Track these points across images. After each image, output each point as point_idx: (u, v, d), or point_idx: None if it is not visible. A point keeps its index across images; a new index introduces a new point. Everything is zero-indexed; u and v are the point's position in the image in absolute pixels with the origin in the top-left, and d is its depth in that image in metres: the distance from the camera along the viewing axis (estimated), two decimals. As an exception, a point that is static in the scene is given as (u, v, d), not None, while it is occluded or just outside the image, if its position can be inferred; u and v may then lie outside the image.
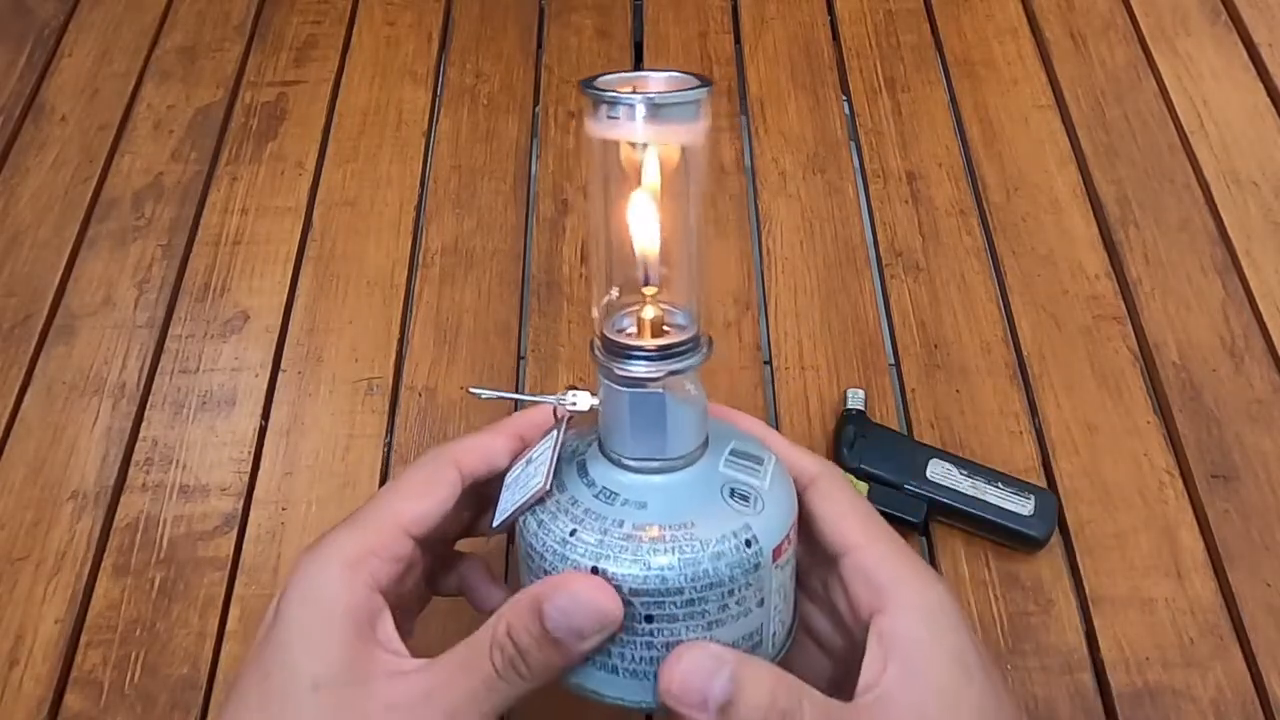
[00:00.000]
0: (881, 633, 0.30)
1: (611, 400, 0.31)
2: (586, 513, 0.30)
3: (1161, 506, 0.49)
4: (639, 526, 0.30)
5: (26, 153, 0.64)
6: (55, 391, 0.53)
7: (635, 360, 0.30)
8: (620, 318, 0.32)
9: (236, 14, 0.71)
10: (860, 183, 0.62)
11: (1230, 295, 0.56)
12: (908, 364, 0.54)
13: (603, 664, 0.31)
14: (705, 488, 0.31)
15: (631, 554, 0.29)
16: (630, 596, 0.29)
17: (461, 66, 0.68)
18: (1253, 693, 0.44)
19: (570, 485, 0.31)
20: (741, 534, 0.30)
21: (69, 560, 0.48)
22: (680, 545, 0.30)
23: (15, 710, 0.44)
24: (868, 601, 0.30)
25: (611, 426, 0.32)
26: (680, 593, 0.29)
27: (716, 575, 0.30)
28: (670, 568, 0.29)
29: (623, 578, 0.29)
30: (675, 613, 0.30)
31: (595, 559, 0.29)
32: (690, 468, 0.32)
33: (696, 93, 0.28)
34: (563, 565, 0.30)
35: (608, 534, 0.30)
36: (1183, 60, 0.66)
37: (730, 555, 0.30)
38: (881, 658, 0.29)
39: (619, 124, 0.28)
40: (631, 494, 0.31)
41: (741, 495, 0.31)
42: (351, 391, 0.54)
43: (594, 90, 0.28)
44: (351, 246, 0.59)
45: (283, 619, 0.30)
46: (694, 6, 0.71)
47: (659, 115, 0.28)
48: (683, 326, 0.32)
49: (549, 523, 0.31)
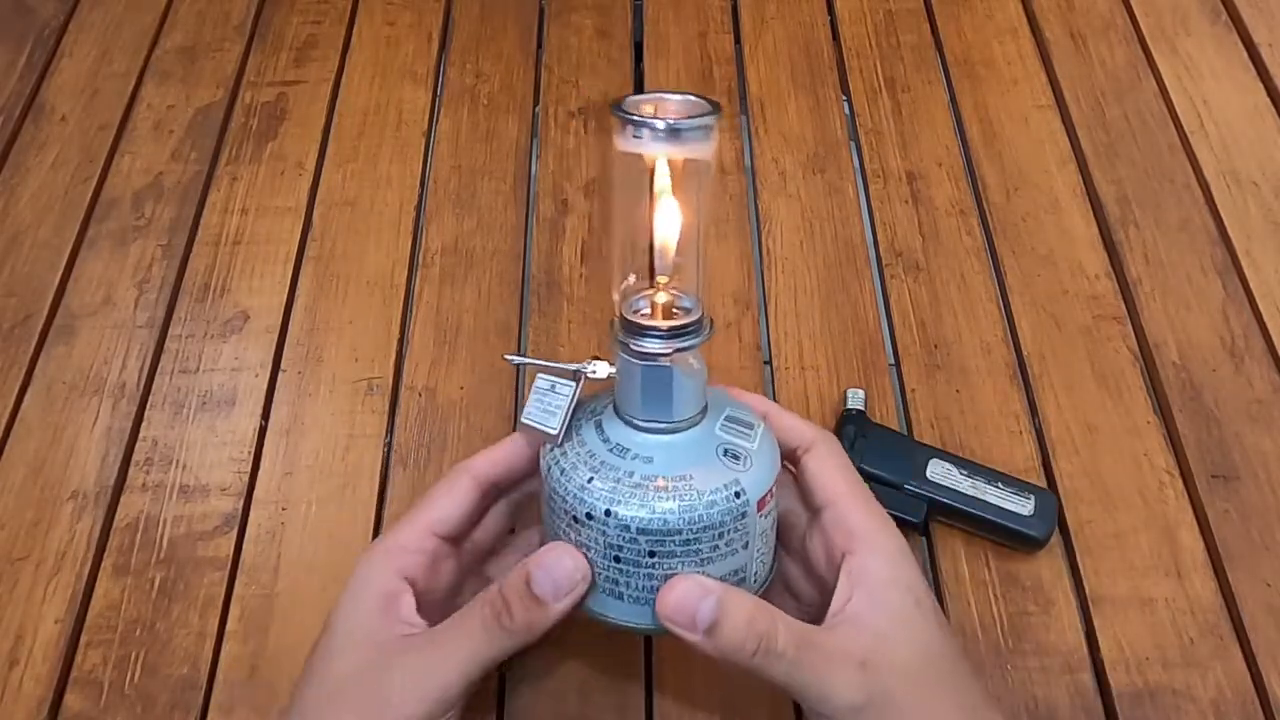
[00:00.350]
0: (850, 570, 0.36)
1: (627, 371, 0.36)
2: (602, 464, 0.36)
3: (1161, 506, 0.49)
4: (646, 477, 0.35)
5: (26, 153, 0.64)
6: (55, 391, 0.53)
7: (649, 338, 0.36)
8: (636, 300, 0.37)
9: (236, 14, 0.71)
10: (860, 183, 0.62)
11: (1230, 295, 0.56)
12: (908, 364, 0.54)
13: (612, 591, 0.36)
14: (702, 447, 0.37)
15: (639, 500, 0.35)
16: (637, 535, 0.35)
17: (461, 66, 0.68)
18: (1253, 693, 0.44)
19: (589, 440, 0.37)
20: (731, 486, 0.36)
21: (69, 560, 0.48)
22: (680, 494, 0.35)
23: (15, 710, 0.44)
24: (842, 544, 0.36)
25: (626, 392, 0.37)
26: (679, 533, 0.35)
27: (710, 520, 0.35)
28: (671, 512, 0.35)
29: (631, 519, 0.35)
30: (674, 550, 0.35)
31: (609, 503, 0.35)
32: (691, 430, 0.37)
33: (710, 118, 0.34)
34: (581, 507, 0.35)
35: (620, 482, 0.35)
36: (1183, 60, 0.66)
37: (722, 504, 0.35)
38: (849, 589, 0.35)
39: (643, 142, 0.33)
40: (641, 450, 0.36)
41: (733, 455, 0.37)
42: (351, 391, 0.54)
43: (622, 113, 0.33)
44: (351, 246, 0.59)
45: (341, 597, 0.38)
46: (694, 6, 0.71)
47: (677, 136, 0.33)
48: (689, 309, 0.37)
49: (570, 471, 0.36)
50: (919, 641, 0.35)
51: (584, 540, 0.36)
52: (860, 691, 0.33)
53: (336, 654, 0.36)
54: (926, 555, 0.48)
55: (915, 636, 0.35)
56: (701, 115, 0.34)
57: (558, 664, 0.45)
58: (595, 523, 0.35)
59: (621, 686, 0.45)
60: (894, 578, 0.35)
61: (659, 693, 0.45)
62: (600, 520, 0.35)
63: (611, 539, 0.35)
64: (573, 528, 0.36)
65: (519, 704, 0.44)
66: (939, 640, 0.35)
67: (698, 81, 0.67)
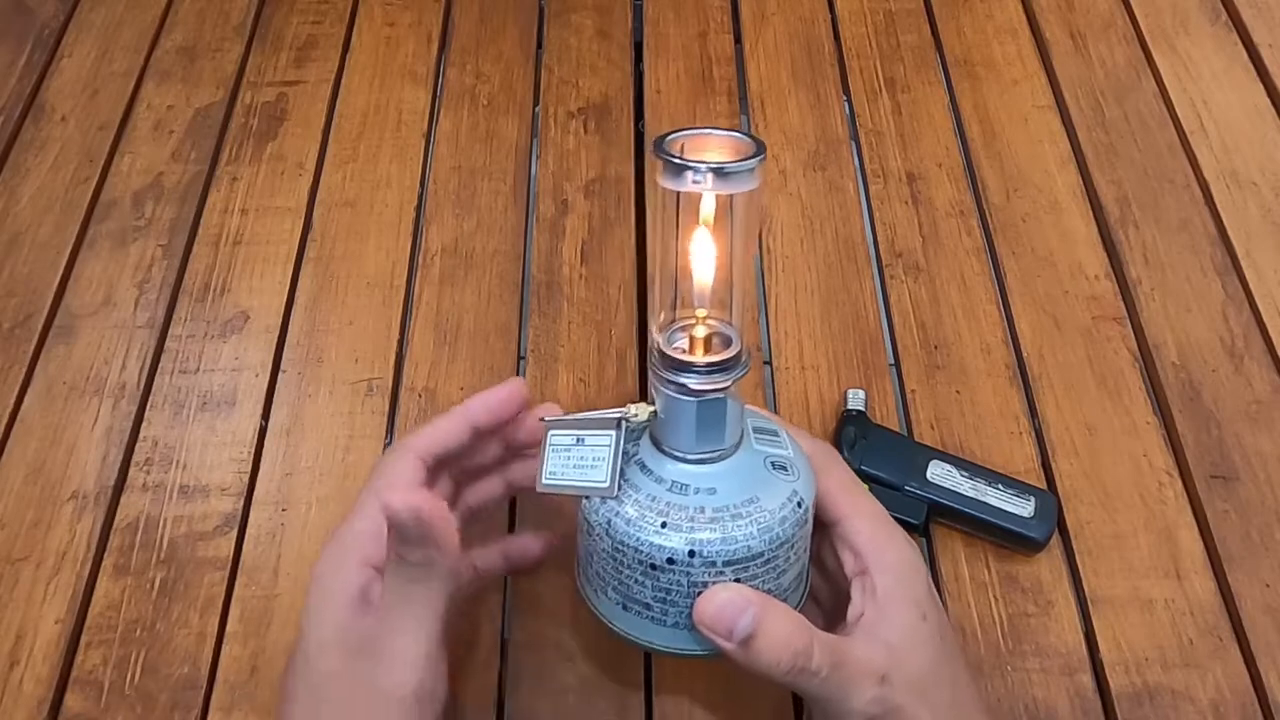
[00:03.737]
0: (863, 587, 0.37)
1: (678, 408, 0.36)
2: (669, 505, 0.36)
3: (1161, 507, 0.49)
4: (719, 510, 0.36)
5: (26, 153, 0.64)
6: (55, 391, 0.54)
7: (699, 374, 0.35)
8: (673, 334, 0.37)
9: (236, 14, 0.71)
10: (860, 183, 0.62)
11: (1230, 296, 0.56)
12: (908, 364, 0.54)
13: (686, 624, 0.36)
14: (754, 467, 0.37)
15: (719, 533, 0.35)
16: (724, 567, 0.35)
17: (461, 67, 0.68)
18: (1252, 693, 0.44)
19: (642, 484, 0.37)
20: (793, 499, 0.37)
21: (69, 560, 0.48)
22: (754, 518, 0.36)
23: (15, 710, 0.44)
24: (853, 564, 0.38)
25: (675, 428, 0.37)
26: (761, 555, 0.36)
27: (784, 535, 0.36)
28: (752, 537, 0.35)
29: (715, 553, 0.35)
30: (756, 572, 0.36)
31: (690, 544, 0.35)
32: (738, 452, 0.37)
33: (754, 161, 0.33)
34: (660, 554, 0.35)
35: (695, 520, 0.35)
36: (1183, 60, 0.66)
37: (791, 517, 0.36)
38: (861, 604, 0.37)
39: (688, 183, 0.33)
40: (701, 483, 0.36)
41: (781, 466, 0.37)
42: (351, 392, 0.54)
43: (666, 155, 0.33)
44: (351, 247, 0.59)
45: (305, 605, 0.37)
46: (694, 6, 0.71)
47: (723, 178, 0.33)
48: (728, 339, 0.37)
49: (638, 520, 0.36)
50: (925, 656, 0.36)
51: (663, 584, 0.36)
52: (879, 705, 0.35)
53: (315, 658, 0.36)
54: (926, 556, 0.48)
55: (921, 652, 0.36)
56: (747, 158, 0.34)
57: (558, 664, 0.45)
58: (678, 566, 0.35)
59: (621, 687, 0.45)
60: (901, 595, 0.37)
61: (659, 693, 0.45)
62: (683, 563, 0.35)
63: (696, 577, 0.35)
64: (650, 575, 0.36)
65: (519, 704, 0.44)
66: (943, 654, 0.37)
67: (698, 81, 0.67)
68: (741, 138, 0.35)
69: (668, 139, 0.34)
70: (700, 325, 0.37)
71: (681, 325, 0.37)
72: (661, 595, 0.36)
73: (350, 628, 0.36)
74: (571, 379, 0.54)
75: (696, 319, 0.37)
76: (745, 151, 0.34)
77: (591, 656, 0.45)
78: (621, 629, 0.38)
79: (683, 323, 0.37)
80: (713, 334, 0.37)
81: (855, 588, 0.37)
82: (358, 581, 0.37)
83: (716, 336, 0.37)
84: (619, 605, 0.37)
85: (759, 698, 0.44)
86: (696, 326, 0.37)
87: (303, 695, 0.37)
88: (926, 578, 0.38)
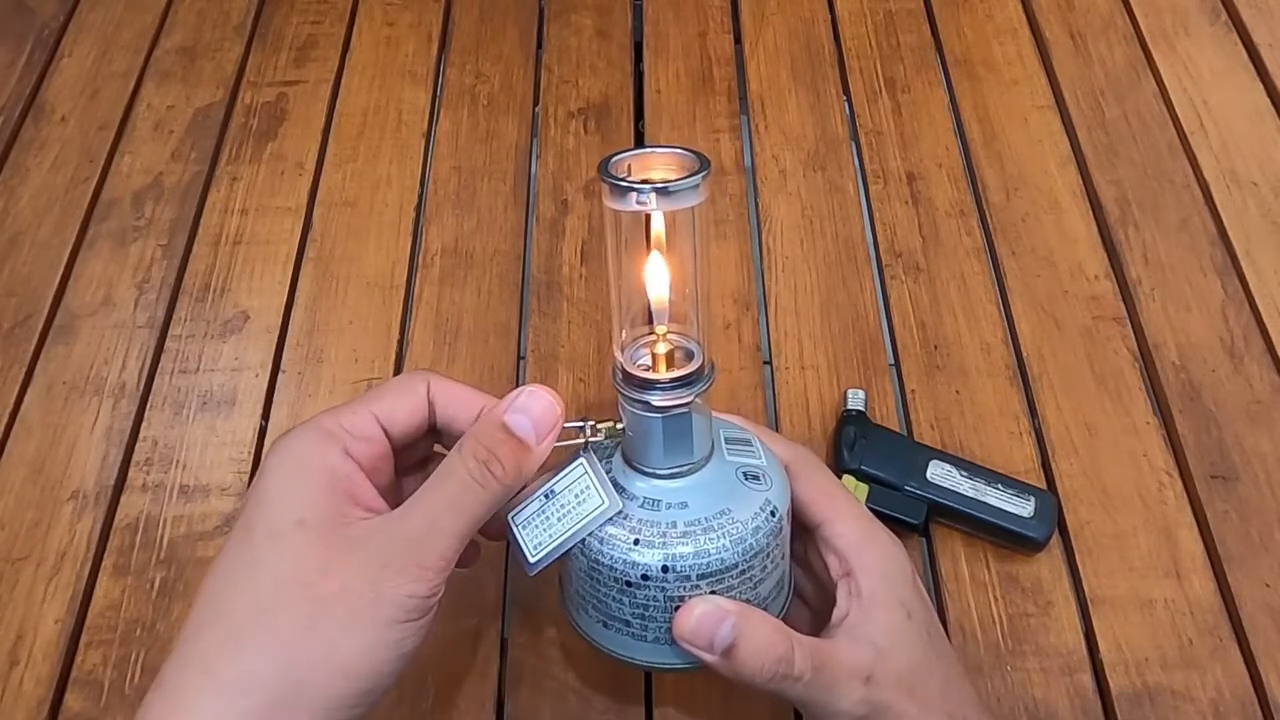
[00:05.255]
0: (848, 589, 0.37)
1: (645, 425, 0.36)
2: (641, 522, 0.36)
3: (1161, 507, 0.49)
4: (690, 524, 0.36)
5: (26, 153, 0.64)
6: (55, 391, 0.54)
7: (662, 390, 0.35)
8: (635, 351, 0.37)
9: (236, 14, 0.71)
10: (860, 183, 0.62)
11: (1230, 295, 0.56)
12: (908, 364, 0.54)
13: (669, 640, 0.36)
14: (725, 479, 0.37)
15: (692, 547, 0.35)
16: (698, 581, 0.35)
17: (461, 67, 0.68)
18: (1252, 694, 0.44)
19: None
20: (766, 508, 0.36)
21: (69, 560, 0.48)
22: (727, 530, 0.36)
23: (15, 710, 0.44)
24: (837, 567, 0.38)
25: (643, 445, 0.37)
26: (735, 567, 0.36)
27: (758, 545, 0.36)
28: (725, 549, 0.35)
29: (689, 567, 0.35)
30: (731, 583, 0.36)
31: (664, 559, 0.35)
32: (708, 464, 0.37)
33: (698, 178, 0.33)
34: (634, 571, 0.35)
35: (667, 536, 0.35)
36: (1183, 60, 0.66)
37: (764, 527, 0.36)
38: (845, 606, 0.37)
39: (632, 204, 0.33)
40: (672, 498, 0.36)
41: (753, 476, 0.37)
42: (352, 392, 0.54)
43: (611, 179, 0.33)
44: (351, 247, 0.59)
45: (262, 480, 0.33)
46: (694, 6, 0.71)
47: (668, 195, 0.33)
48: (691, 353, 0.37)
49: (610, 539, 0.36)
50: (911, 654, 0.36)
51: (640, 601, 0.36)
52: (865, 705, 0.35)
53: (284, 529, 0.31)
54: (926, 556, 0.48)
55: (907, 650, 0.36)
56: (689, 175, 0.33)
57: (558, 664, 0.45)
58: (652, 582, 0.35)
59: (621, 687, 0.45)
60: (885, 595, 0.37)
61: (658, 693, 0.45)
62: (658, 579, 0.35)
63: (671, 592, 0.35)
64: (626, 592, 0.36)
65: (519, 704, 0.44)
66: (930, 651, 0.37)
67: (698, 81, 0.67)
68: (685, 154, 0.35)
69: (613, 160, 0.35)
70: (661, 341, 0.37)
71: (644, 343, 0.37)
72: (639, 612, 0.36)
73: (334, 507, 0.32)
74: (571, 379, 0.54)
75: (657, 335, 0.37)
76: (690, 167, 0.34)
77: (592, 657, 0.45)
78: (605, 646, 0.38)
79: (644, 340, 0.37)
80: (674, 349, 0.37)
81: (840, 590, 0.37)
82: (343, 469, 0.33)
83: (679, 351, 0.37)
84: (600, 623, 0.38)
85: (759, 696, 0.44)
86: (658, 343, 0.37)
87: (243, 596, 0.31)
88: (912, 576, 0.38)
